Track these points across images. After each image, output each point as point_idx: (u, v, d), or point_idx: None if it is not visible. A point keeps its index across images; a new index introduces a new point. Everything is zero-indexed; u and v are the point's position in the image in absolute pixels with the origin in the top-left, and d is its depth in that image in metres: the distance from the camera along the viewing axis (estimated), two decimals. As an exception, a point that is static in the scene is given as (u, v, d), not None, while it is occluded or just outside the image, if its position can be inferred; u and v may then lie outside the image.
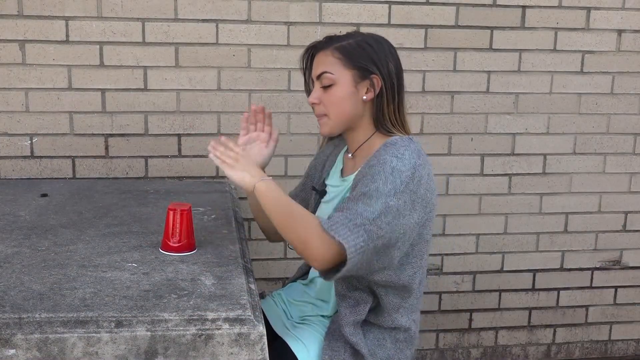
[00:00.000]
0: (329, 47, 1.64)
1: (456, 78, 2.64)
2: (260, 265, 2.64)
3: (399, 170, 1.50)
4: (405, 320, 1.66)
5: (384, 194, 1.48)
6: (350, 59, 1.61)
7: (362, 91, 1.62)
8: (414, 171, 1.51)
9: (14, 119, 2.40)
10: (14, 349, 1.22)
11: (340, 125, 1.66)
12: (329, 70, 1.62)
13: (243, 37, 2.46)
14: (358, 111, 1.64)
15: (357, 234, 1.45)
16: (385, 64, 1.62)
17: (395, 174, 1.49)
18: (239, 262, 1.59)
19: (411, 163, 1.51)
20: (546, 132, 2.74)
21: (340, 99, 1.62)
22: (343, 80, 1.62)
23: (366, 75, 1.61)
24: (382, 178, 1.49)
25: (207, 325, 1.28)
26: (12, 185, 2.28)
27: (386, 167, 1.50)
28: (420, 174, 1.52)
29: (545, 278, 2.90)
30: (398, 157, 1.52)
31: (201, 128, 2.50)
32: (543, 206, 2.81)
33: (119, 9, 2.37)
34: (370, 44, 1.63)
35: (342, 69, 1.62)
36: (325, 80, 1.63)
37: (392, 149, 1.55)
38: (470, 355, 2.93)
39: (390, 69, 1.63)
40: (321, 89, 1.65)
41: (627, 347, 3.06)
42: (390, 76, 1.63)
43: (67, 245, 1.65)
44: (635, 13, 2.70)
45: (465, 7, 2.58)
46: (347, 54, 1.62)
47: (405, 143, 1.57)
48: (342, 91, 1.62)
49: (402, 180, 1.49)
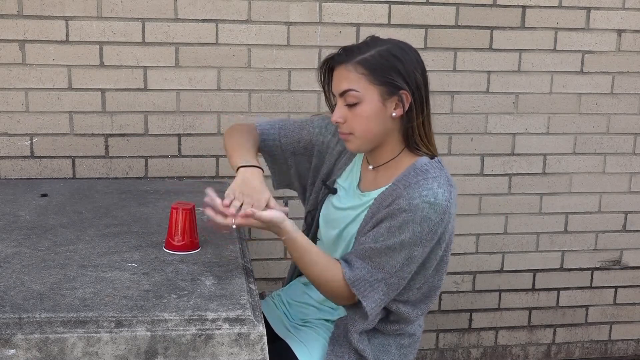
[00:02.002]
0: (351, 61, 1.51)
1: (456, 78, 2.64)
2: (260, 265, 2.64)
3: (429, 219, 1.47)
4: (410, 327, 1.67)
5: (408, 245, 1.48)
6: (376, 75, 1.49)
7: (390, 107, 1.52)
8: (443, 216, 1.48)
9: (14, 119, 2.40)
10: (14, 349, 1.22)
11: (368, 144, 1.57)
12: (354, 87, 1.50)
13: (243, 37, 2.46)
14: (386, 128, 1.54)
15: (378, 289, 1.51)
16: (413, 76, 1.51)
17: (424, 223, 1.47)
18: (239, 262, 1.59)
19: (442, 207, 1.47)
20: (546, 132, 2.74)
21: (368, 118, 1.51)
22: (370, 97, 1.50)
23: (394, 91, 1.50)
24: (410, 230, 1.47)
25: (207, 325, 1.28)
26: (12, 185, 2.28)
27: (416, 217, 1.46)
28: (449, 215, 1.50)
29: (545, 278, 2.90)
30: (430, 203, 1.46)
31: (201, 128, 2.50)
32: (543, 206, 2.81)
33: (119, 9, 2.37)
34: (396, 54, 1.51)
35: (368, 85, 1.50)
36: (350, 98, 1.51)
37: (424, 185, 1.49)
38: (470, 355, 2.93)
39: (419, 80, 1.52)
40: (345, 107, 1.53)
41: (627, 347, 3.06)
42: (419, 89, 1.52)
43: (67, 245, 1.65)
44: (635, 13, 2.70)
45: (465, 7, 2.58)
46: (372, 69, 1.49)
47: (436, 173, 1.52)
48: (369, 109, 1.51)
49: (430, 229, 1.48)
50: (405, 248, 1.48)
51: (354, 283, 1.51)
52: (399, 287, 1.54)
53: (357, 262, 1.53)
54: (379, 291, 1.51)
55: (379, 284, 1.51)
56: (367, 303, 1.51)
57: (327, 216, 1.72)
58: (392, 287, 1.52)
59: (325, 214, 1.73)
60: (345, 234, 1.65)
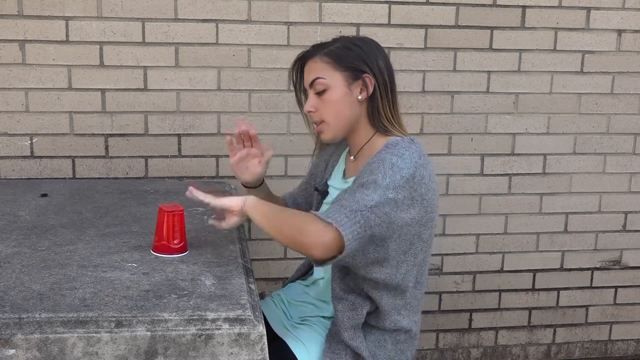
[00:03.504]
0: (317, 54, 1.65)
1: (456, 78, 2.64)
2: (260, 265, 2.64)
3: (399, 167, 1.50)
4: (406, 322, 1.66)
5: (382, 186, 1.47)
6: (339, 61, 1.62)
7: (356, 91, 1.63)
8: (414, 170, 1.51)
9: (14, 119, 2.40)
10: (14, 349, 1.22)
11: (340, 130, 1.66)
12: (321, 75, 1.63)
13: (243, 37, 2.46)
14: (355, 112, 1.64)
15: (354, 219, 1.44)
16: (374, 61, 1.63)
17: (395, 169, 1.49)
18: (239, 262, 1.59)
19: (412, 162, 1.51)
20: (546, 132, 2.74)
21: (336, 102, 1.63)
22: (336, 82, 1.62)
23: (358, 75, 1.62)
24: (382, 172, 1.49)
25: (207, 325, 1.28)
26: (12, 185, 2.28)
27: (386, 164, 1.50)
28: (422, 174, 1.52)
29: (545, 278, 2.90)
30: (398, 155, 1.52)
31: (201, 128, 2.50)
32: (543, 206, 2.81)
33: (119, 9, 2.37)
34: (357, 44, 1.65)
35: (333, 72, 1.62)
36: (318, 86, 1.63)
37: (392, 149, 1.55)
38: (470, 355, 2.93)
39: (381, 66, 1.64)
40: (315, 96, 1.65)
41: (627, 347, 3.06)
42: (381, 73, 1.63)
43: (67, 245, 1.65)
44: (635, 13, 2.70)
45: (465, 7, 2.58)
46: (336, 57, 1.63)
47: (406, 144, 1.57)
48: (337, 94, 1.63)
49: (401, 176, 1.49)
50: (379, 188, 1.46)
51: (328, 215, 1.46)
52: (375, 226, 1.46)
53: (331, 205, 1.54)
54: (356, 222, 1.44)
55: (354, 214, 1.44)
56: (344, 231, 1.43)
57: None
58: (369, 223, 1.45)
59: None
60: None
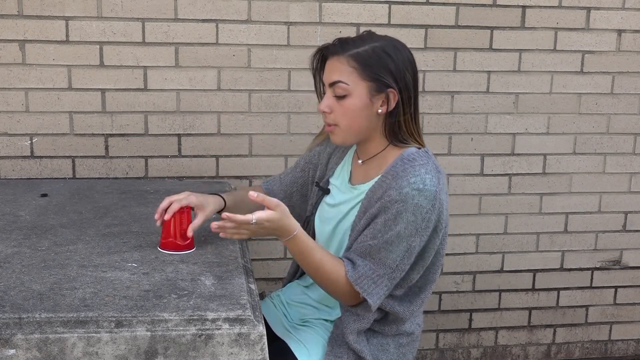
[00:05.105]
0: (344, 53, 1.54)
1: (456, 78, 2.64)
2: (260, 265, 2.64)
3: (421, 207, 1.48)
4: (409, 325, 1.67)
5: (405, 237, 1.49)
6: (366, 70, 1.52)
7: (377, 104, 1.55)
8: (434, 202, 1.49)
9: (14, 119, 2.40)
10: (14, 349, 1.22)
11: (352, 137, 1.60)
12: (344, 80, 1.53)
13: (243, 37, 2.46)
14: (371, 124, 1.58)
15: (381, 285, 1.52)
16: (402, 75, 1.54)
17: (417, 212, 1.48)
18: (239, 262, 1.59)
19: (432, 193, 1.49)
20: (546, 132, 2.74)
21: (354, 111, 1.55)
22: (358, 91, 1.53)
23: (382, 88, 1.53)
24: (404, 220, 1.48)
25: (207, 325, 1.28)
26: (12, 185, 2.28)
27: (408, 206, 1.48)
28: (441, 202, 1.52)
29: (545, 278, 2.90)
30: (420, 190, 1.48)
31: (201, 128, 2.50)
32: (543, 206, 2.81)
33: (119, 9, 2.37)
34: (389, 52, 1.53)
35: (358, 80, 1.53)
36: (339, 89, 1.54)
37: (411, 172, 1.50)
38: (470, 355, 2.93)
39: (408, 80, 1.55)
40: (333, 98, 1.56)
41: (627, 347, 3.06)
42: (407, 88, 1.55)
43: (67, 245, 1.65)
44: (635, 13, 2.70)
45: (465, 7, 2.58)
46: (363, 64, 1.52)
47: (423, 161, 1.54)
48: (357, 103, 1.54)
49: (423, 218, 1.49)
50: (403, 240, 1.49)
51: (357, 281, 1.52)
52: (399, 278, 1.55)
53: (359, 260, 1.53)
54: (383, 287, 1.53)
55: (381, 279, 1.52)
56: (371, 299, 1.52)
57: (321, 215, 1.74)
58: (393, 280, 1.54)
59: (320, 214, 1.75)
60: (339, 229, 1.67)
